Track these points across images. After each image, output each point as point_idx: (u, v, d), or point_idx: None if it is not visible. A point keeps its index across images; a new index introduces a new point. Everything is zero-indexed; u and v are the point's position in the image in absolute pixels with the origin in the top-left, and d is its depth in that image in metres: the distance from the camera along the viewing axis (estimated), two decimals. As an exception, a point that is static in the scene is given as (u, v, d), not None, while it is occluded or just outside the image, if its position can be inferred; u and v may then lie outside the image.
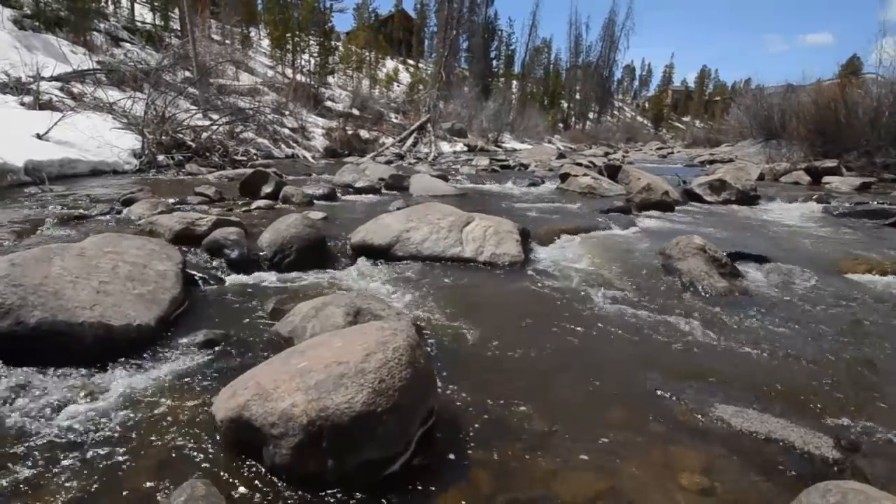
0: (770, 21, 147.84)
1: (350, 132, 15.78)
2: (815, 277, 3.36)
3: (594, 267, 3.50)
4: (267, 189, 5.50)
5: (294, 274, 3.08)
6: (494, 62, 43.10)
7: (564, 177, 8.05)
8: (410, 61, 41.60)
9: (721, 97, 52.16)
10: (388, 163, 11.39)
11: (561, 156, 16.01)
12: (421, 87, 26.88)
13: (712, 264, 3.28)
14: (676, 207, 6.39)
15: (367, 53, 30.58)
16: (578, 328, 2.47)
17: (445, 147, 18.18)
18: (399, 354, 1.46)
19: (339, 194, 6.13)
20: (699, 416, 1.72)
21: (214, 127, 9.89)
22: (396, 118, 21.66)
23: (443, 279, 3.14)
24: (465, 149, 19.06)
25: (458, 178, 8.63)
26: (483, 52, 38.69)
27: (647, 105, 68.66)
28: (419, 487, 1.35)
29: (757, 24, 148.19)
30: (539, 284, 3.12)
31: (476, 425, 1.63)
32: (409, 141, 16.21)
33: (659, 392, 1.88)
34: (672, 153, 25.05)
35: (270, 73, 20.35)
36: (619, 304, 2.82)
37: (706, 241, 3.44)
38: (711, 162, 14.81)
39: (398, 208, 4.72)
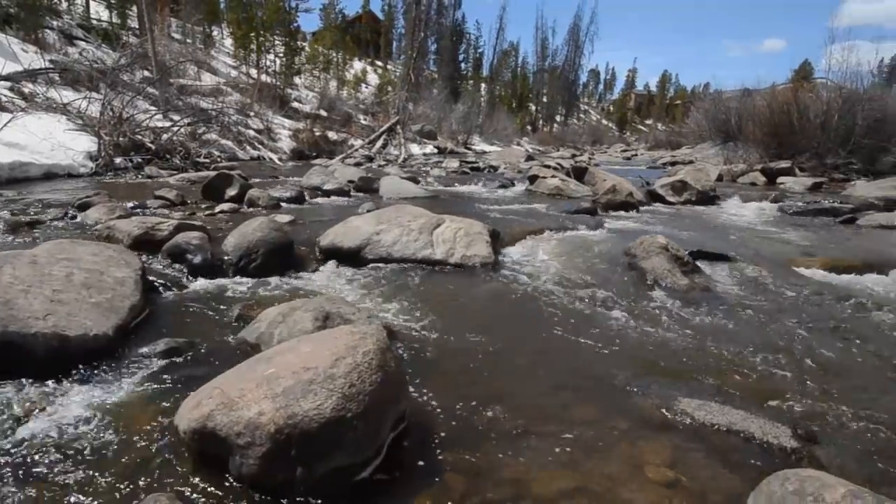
0: (728, 27, 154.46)
1: (318, 134, 15.56)
2: (771, 274, 3.50)
3: (562, 267, 3.56)
4: (231, 192, 5.36)
5: (261, 279, 3.01)
6: (463, 65, 43.41)
7: (533, 179, 8.15)
8: (379, 63, 41.39)
9: (681, 101, 53.93)
10: (358, 165, 11.29)
11: (529, 158, 16.23)
12: (390, 88, 26.76)
13: (675, 262, 3.39)
14: (640, 208, 6.57)
15: (334, 54, 30.25)
16: (548, 327, 2.50)
17: (415, 149, 18.16)
18: (369, 359, 1.44)
19: (307, 197, 6.03)
20: (664, 411, 1.77)
21: (175, 128, 9.57)
22: (365, 120, 21.49)
23: (414, 281, 3.13)
24: (436, 151, 19.09)
25: (429, 181, 8.63)
26: (451, 54, 38.91)
27: (611, 108, 70.39)
28: (391, 492, 1.34)
29: (715, 30, 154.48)
30: (509, 285, 3.14)
31: (448, 427, 1.62)
32: (379, 143, 16.11)
33: (626, 388, 1.93)
34: (636, 155, 25.77)
35: (234, 73, 19.86)
36: (586, 302, 2.88)
37: (669, 241, 3.55)
38: (673, 163, 15.32)
39: (368, 211, 4.68)
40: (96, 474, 1.33)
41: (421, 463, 1.46)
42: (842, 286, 3.39)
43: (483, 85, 44.60)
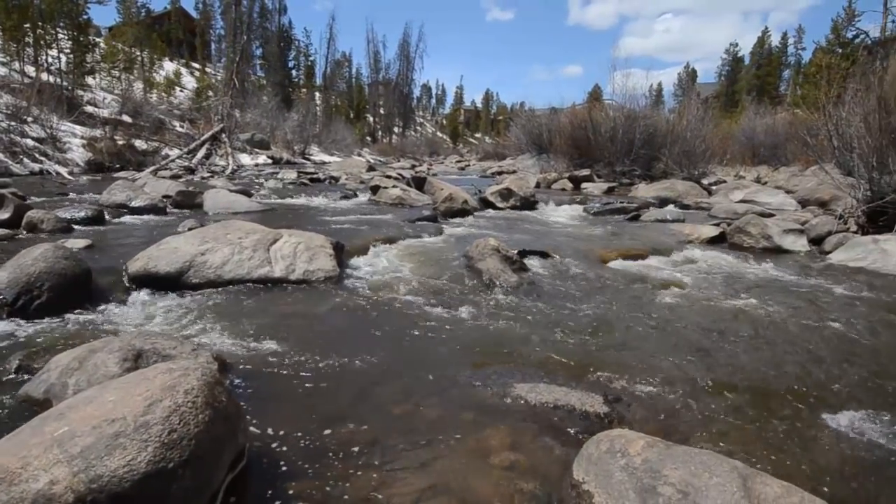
0: (535, 53, 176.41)
1: (121, 142, 13.41)
2: (582, 266, 4.07)
3: (407, 274, 3.64)
4: (3, 215, 4.30)
5: (48, 319, 2.46)
6: (294, 72, 41.76)
7: (375, 189, 8.20)
8: (195, 64, 37.50)
9: (503, 117, 59.83)
10: (176, 177, 10.03)
11: (371, 168, 16.30)
12: (211, 93, 24.39)
13: (506, 262, 3.71)
14: (475, 214, 7.09)
15: (138, 53, 26.49)
16: (395, 335, 2.53)
17: (246, 159, 16.84)
18: (193, 397, 1.27)
19: (108, 217, 5.14)
20: (503, 398, 1.91)
21: None
22: (182, 127, 19.17)
23: (250, 304, 2.88)
24: (270, 161, 17.96)
25: (263, 193, 8.08)
26: (280, 61, 37.15)
27: (444, 122, 74.78)
28: (231, 541, 1.20)
29: (526, 55, 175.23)
30: (355, 297, 3.10)
31: (295, 456, 1.52)
32: (201, 152, 14.53)
33: (469, 382, 2.04)
34: (469, 165, 27.74)
35: (2, 70, 16.05)
36: (430, 306, 2.98)
37: (500, 243, 3.88)
38: (500, 173, 16.87)
39: (190, 229, 4.18)
40: None
41: (267, 497, 1.34)
42: (634, 271, 4.10)
43: (318, 94, 43.49)
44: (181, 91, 27.53)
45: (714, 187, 11.17)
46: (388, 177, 10.16)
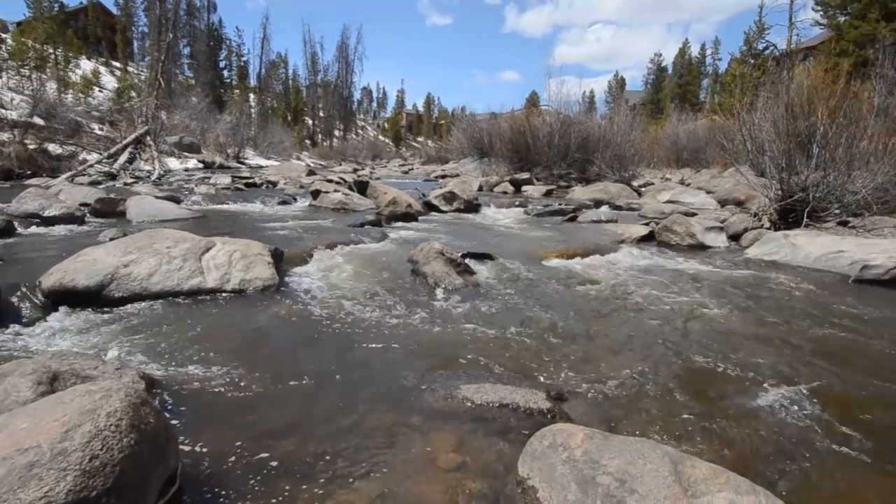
0: (475, 59, 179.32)
1: (33, 147, 12.25)
2: (524, 267, 4.18)
3: (351, 280, 3.58)
4: None
5: (-58, 343, 2.20)
6: (226, 72, 40.01)
7: (316, 193, 8.01)
8: (116, 64, 35.06)
9: (445, 121, 60.35)
10: (95, 184, 9.32)
11: (311, 172, 15.88)
12: (134, 94, 22.85)
13: (450, 265, 3.74)
14: (419, 217, 7.09)
15: (51, 50, 24.38)
16: (339, 343, 2.48)
17: (174, 164, 15.89)
18: (116, 420, 1.18)
19: (18, 227, 4.68)
20: (450, 400, 1.93)
21: None
22: (102, 129, 17.79)
23: (181, 317, 2.72)
24: (201, 165, 17.04)
25: (194, 199, 7.65)
26: (210, 60, 35.49)
27: (386, 125, 74.34)
28: (164, 571, 1.12)
29: (465, 60, 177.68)
30: (296, 306, 3.00)
31: (233, 475, 1.45)
32: (124, 157, 13.56)
33: (416, 386, 2.04)
34: (412, 169, 27.75)
35: None
36: (375, 311, 2.95)
37: (444, 246, 3.91)
38: (443, 176, 16.99)
39: (111, 239, 3.89)
40: None
41: (202, 524, 1.27)
42: (572, 270, 4.26)
43: (252, 95, 41.90)
44: (100, 91, 25.61)
45: (643, 189, 11.83)
46: (330, 181, 9.95)
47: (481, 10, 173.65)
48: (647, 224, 6.21)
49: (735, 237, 5.88)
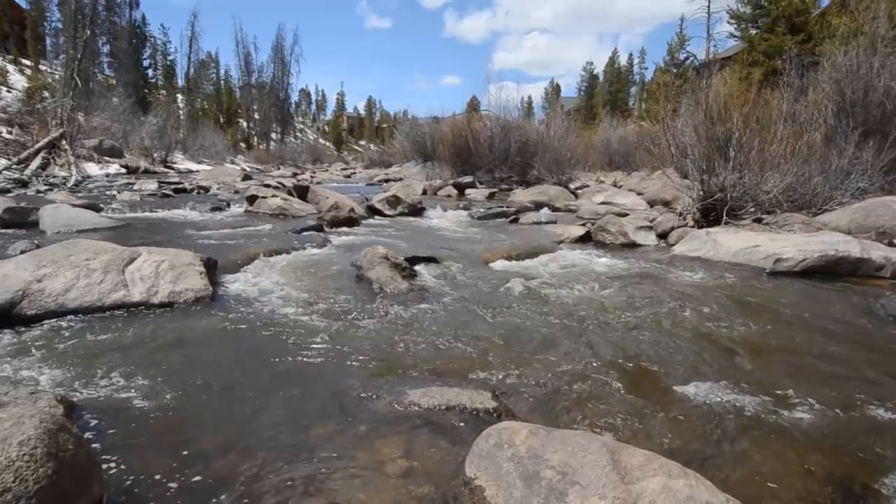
0: (416, 63, 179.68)
1: (-79, 151, 10.93)
2: (468, 269, 4.23)
3: (291, 288, 3.47)
4: None
5: None
6: (150, 72, 37.66)
7: (252, 199, 7.69)
8: (27, 62, 32.12)
9: (387, 124, 60.03)
10: (4, 192, 8.46)
11: (247, 177, 15.23)
12: (47, 94, 20.98)
13: (395, 269, 3.72)
14: (363, 222, 7.00)
15: (-56, 43, 21.92)
16: (279, 355, 2.39)
17: (94, 169, 14.74)
18: (30, 449, 1.08)
19: None
20: (397, 406, 1.91)
21: None
22: (10, 133, 16.19)
23: (104, 334, 2.52)
24: (124, 171, 15.91)
25: (116, 207, 7.13)
26: (133, 59, 33.29)
27: (326, 128, 72.81)
28: None
29: (407, 64, 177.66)
30: (232, 317, 2.87)
31: (166, 500, 1.36)
32: (36, 162, 12.40)
33: (361, 394, 2.01)
34: (355, 173, 27.35)
35: None
36: (318, 320, 2.88)
37: (388, 250, 3.88)
38: (387, 180, 16.89)
39: (22, 251, 3.55)
40: None
41: (131, 556, 1.18)
42: (515, 270, 4.36)
43: (180, 96, 39.69)
44: (9, 91, 23.33)
45: (580, 191, 12.33)
46: (267, 186, 9.59)
47: (421, 14, 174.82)
48: (583, 225, 6.48)
49: (663, 235, 6.26)
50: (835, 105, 9.04)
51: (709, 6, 29.71)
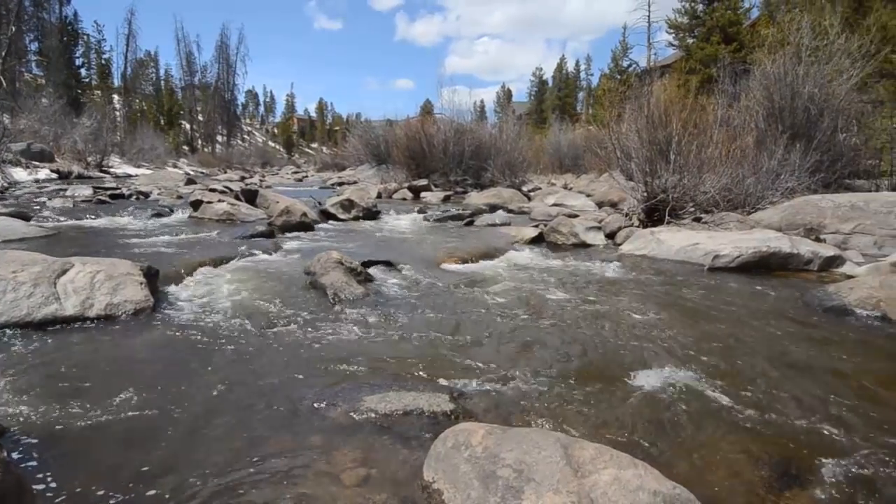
0: (367, 66, 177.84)
1: None
2: (424, 272, 4.23)
3: (241, 297, 3.35)
4: None
5: None
6: (84, 71, 35.41)
7: (197, 204, 7.38)
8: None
9: (339, 127, 59.12)
10: None
11: (191, 181, 14.59)
12: (-36, 93, 19.30)
13: (350, 274, 3.67)
14: (316, 226, 6.86)
15: None
16: (228, 366, 2.30)
17: (22, 175, 13.69)
18: (-56, 481, 0.99)
19: None
20: (353, 414, 1.88)
21: None
22: (-80, 135, 14.76)
23: (35, 351, 2.34)
24: (55, 176, 14.88)
25: (47, 215, 6.65)
26: (64, 57, 31.19)
27: (276, 131, 70.85)
28: None
29: (358, 66, 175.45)
30: (177, 329, 2.74)
31: (105, 525, 1.28)
32: (-50, 167, 11.39)
33: (315, 403, 1.96)
34: (307, 177, 26.76)
35: None
36: (270, 328, 2.79)
37: (343, 255, 3.82)
38: (340, 184, 16.64)
39: (-66, 265, 3.23)
40: None
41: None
42: (470, 272, 4.41)
43: (116, 96, 37.53)
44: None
45: (532, 193, 12.61)
46: (213, 190, 9.22)
47: (371, 16, 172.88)
48: (536, 226, 6.63)
49: (611, 235, 6.50)
50: (765, 110, 9.71)
51: (649, 16, 31.22)
